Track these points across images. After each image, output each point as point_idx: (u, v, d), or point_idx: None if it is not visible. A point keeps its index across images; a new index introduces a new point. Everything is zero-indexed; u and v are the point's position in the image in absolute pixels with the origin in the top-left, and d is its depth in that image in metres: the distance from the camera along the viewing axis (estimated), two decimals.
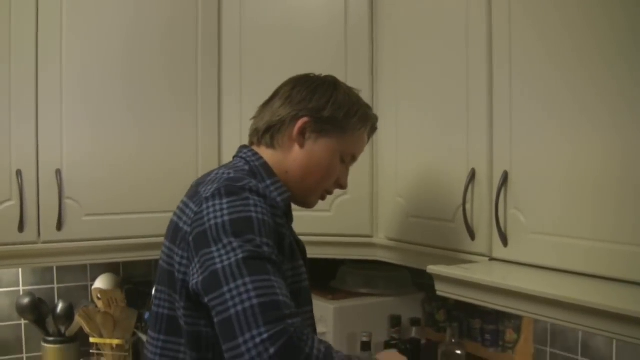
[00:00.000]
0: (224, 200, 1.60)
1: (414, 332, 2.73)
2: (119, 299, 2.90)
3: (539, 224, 1.91)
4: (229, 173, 1.72)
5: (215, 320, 1.52)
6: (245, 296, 1.49)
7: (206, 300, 1.54)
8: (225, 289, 1.51)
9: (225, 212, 1.59)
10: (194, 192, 1.70)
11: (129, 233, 2.56)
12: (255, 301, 1.49)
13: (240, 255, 1.53)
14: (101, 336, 2.84)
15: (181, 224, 1.66)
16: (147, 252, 2.55)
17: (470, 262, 2.11)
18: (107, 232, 2.52)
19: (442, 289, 2.00)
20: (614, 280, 1.72)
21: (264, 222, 1.61)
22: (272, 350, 1.45)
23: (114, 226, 2.53)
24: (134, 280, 3.05)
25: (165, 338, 1.70)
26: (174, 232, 1.69)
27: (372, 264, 2.65)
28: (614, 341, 2.28)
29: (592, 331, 1.64)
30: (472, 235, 2.10)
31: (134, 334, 2.90)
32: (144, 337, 2.82)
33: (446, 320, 2.68)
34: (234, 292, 1.50)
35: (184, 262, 1.62)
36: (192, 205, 1.66)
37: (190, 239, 1.61)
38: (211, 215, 1.59)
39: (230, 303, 1.49)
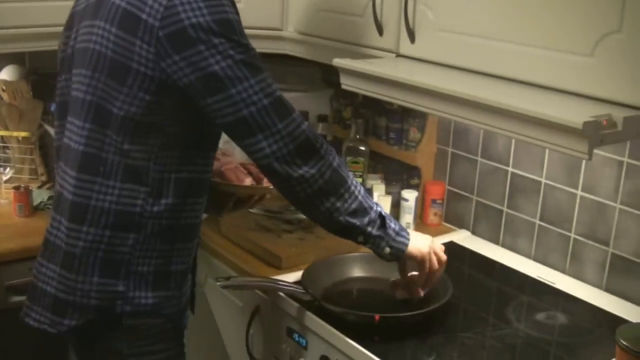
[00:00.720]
0: None
1: (320, 128, 2.77)
2: (24, 90, 2.85)
3: (447, 22, 1.91)
4: None
5: (223, 120, 1.61)
6: (255, 97, 1.59)
7: (209, 100, 1.59)
8: (233, 91, 1.58)
9: (205, 11, 1.57)
10: None
11: (34, 21, 2.44)
12: (265, 101, 1.60)
13: (238, 57, 1.58)
14: (7, 129, 2.81)
15: (141, 15, 1.58)
16: (54, 41, 2.42)
17: (378, 57, 2.11)
18: (11, 20, 2.41)
19: (347, 83, 2.01)
20: (519, 82, 1.75)
21: (239, 22, 1.63)
22: (291, 146, 1.63)
23: (19, 13, 2.42)
24: (40, 71, 2.96)
25: (91, 127, 1.67)
26: (125, 19, 1.60)
27: (281, 59, 2.63)
28: (512, 144, 2.36)
29: (493, 130, 1.68)
30: (380, 31, 2.09)
31: (40, 125, 2.86)
32: (50, 130, 2.78)
33: (352, 118, 2.71)
34: (243, 95, 1.58)
35: (151, 56, 1.57)
36: None
37: (161, 34, 1.56)
38: (190, 14, 1.56)
39: (242, 104, 1.59)
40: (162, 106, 1.63)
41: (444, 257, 1.91)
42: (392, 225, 1.80)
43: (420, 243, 1.85)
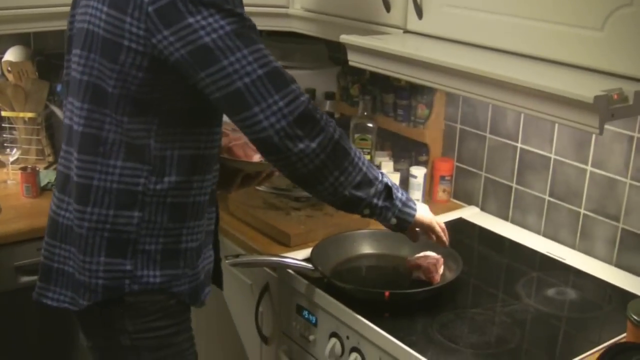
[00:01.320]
0: None
1: (328, 106, 2.75)
2: (29, 71, 2.84)
3: None
4: None
5: (218, 94, 1.56)
6: (249, 68, 1.54)
7: (202, 74, 1.55)
8: (225, 62, 1.53)
9: None
10: None
11: (39, 2, 2.43)
12: (260, 72, 1.55)
13: (228, 28, 1.53)
14: (13, 110, 2.80)
15: None
16: (58, 22, 2.43)
17: (385, 34, 2.09)
18: (16, 1, 2.40)
19: (354, 59, 2.00)
20: (528, 57, 1.73)
21: None
22: (290, 118, 1.56)
23: None
24: (45, 52, 2.96)
25: (89, 107, 1.66)
26: None
27: (288, 36, 2.61)
28: (521, 120, 2.35)
29: (503, 105, 1.67)
30: (388, 7, 2.07)
31: (46, 106, 2.86)
32: (56, 110, 2.78)
33: (360, 95, 2.70)
34: (236, 66, 1.53)
35: (142, 33, 1.55)
36: None
37: (150, 9, 1.53)
38: None
39: (235, 76, 1.53)
40: (157, 83, 1.61)
41: (443, 226, 1.94)
42: (399, 195, 1.79)
43: (425, 212, 1.86)
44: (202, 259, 1.81)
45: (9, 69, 2.81)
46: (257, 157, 1.95)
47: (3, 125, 2.81)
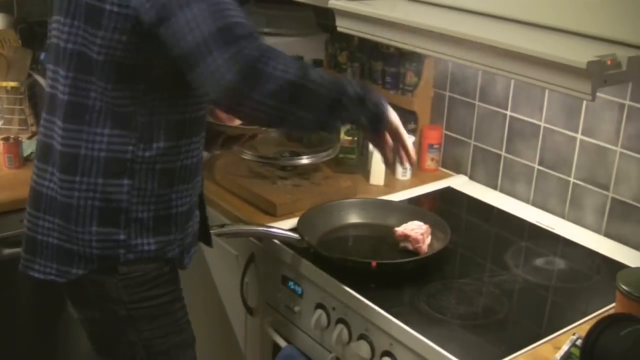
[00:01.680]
0: None
1: None
2: (12, 39, 2.80)
3: None
4: None
5: (174, 51, 1.49)
6: (200, 20, 1.44)
7: (160, 31, 1.49)
8: (180, 15, 1.46)
9: None
10: None
11: None
12: (212, 27, 1.44)
13: None
14: None
15: None
16: None
17: None
18: None
19: (343, 25, 1.97)
20: (520, 22, 1.72)
21: None
22: (234, 70, 1.43)
23: None
24: (28, 20, 2.91)
25: (75, 75, 1.62)
26: None
27: (276, 3, 2.57)
28: (511, 88, 2.32)
29: (493, 71, 1.66)
30: None
31: (29, 75, 2.81)
32: (40, 79, 2.74)
33: (348, 62, 2.66)
34: (189, 18, 1.45)
35: None
36: None
37: None
38: None
39: (186, 29, 1.45)
40: (141, 47, 1.57)
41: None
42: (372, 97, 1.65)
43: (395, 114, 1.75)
44: (189, 223, 1.79)
45: None
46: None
47: None
